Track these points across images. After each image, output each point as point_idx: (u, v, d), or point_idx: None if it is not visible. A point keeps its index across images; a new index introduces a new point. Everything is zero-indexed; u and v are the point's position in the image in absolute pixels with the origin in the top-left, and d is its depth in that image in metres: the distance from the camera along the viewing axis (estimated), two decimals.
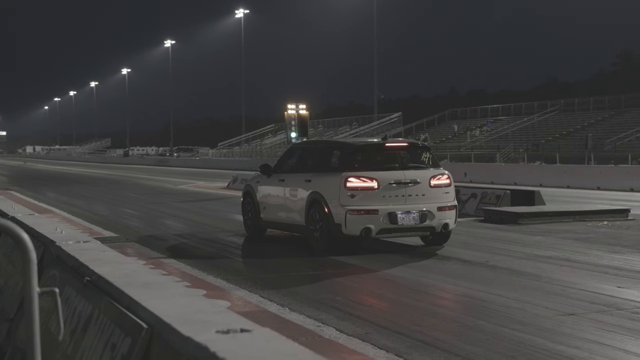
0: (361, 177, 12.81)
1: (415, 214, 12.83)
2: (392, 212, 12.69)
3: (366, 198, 12.74)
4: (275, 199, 14.76)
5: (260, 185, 15.36)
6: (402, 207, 12.79)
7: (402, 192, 12.91)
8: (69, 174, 56.86)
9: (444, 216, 13.11)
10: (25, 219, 7.66)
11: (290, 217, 14.22)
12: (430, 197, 13.11)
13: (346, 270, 11.43)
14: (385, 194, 12.80)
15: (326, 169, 13.54)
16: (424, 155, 13.99)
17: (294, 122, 31.99)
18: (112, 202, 26.60)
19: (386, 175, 12.94)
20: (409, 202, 12.91)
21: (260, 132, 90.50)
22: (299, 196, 13.81)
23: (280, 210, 14.55)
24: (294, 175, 14.31)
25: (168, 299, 3.52)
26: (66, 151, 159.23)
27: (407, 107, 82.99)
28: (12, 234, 2.62)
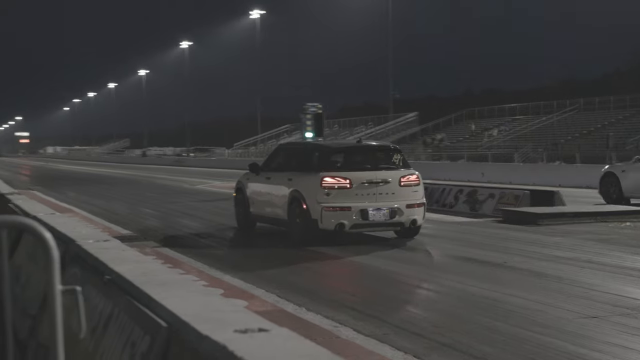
0: (335, 177, 14.05)
1: (385, 211, 14.00)
2: (364, 209, 13.86)
3: (340, 196, 13.94)
4: (262, 195, 16.06)
5: (250, 182, 16.64)
6: (373, 204, 13.98)
7: (373, 190, 14.12)
8: (88, 174, 57.11)
9: (413, 213, 14.28)
10: (47, 219, 7.73)
11: (274, 212, 15.39)
12: (399, 195, 14.30)
13: (362, 271, 11.46)
14: (358, 192, 14.02)
15: (305, 169, 14.73)
16: (395, 156, 15.09)
17: (309, 122, 31.99)
18: (131, 201, 26.72)
19: (359, 175, 14.16)
20: (380, 199, 14.08)
21: (276, 132, 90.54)
22: (281, 193, 14.97)
23: (267, 205, 15.80)
24: (279, 174, 15.52)
25: (186, 298, 3.56)
26: (86, 151, 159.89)
27: (423, 107, 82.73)
28: (35, 233, 2.67)
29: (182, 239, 15.52)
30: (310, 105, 32.11)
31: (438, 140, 57.65)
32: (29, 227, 2.67)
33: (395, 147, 16.08)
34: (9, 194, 14.05)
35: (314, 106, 32.06)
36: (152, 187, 36.71)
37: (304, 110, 32.06)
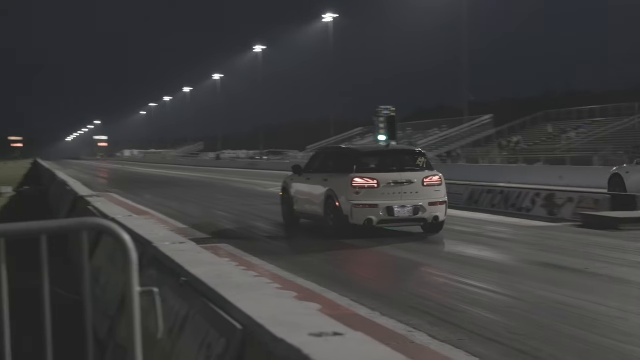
0: (364, 178, 15.63)
1: (409, 208, 15.48)
2: (390, 206, 15.36)
3: (368, 194, 15.47)
4: (303, 194, 17.77)
5: (294, 183, 18.36)
6: (398, 202, 15.46)
7: (398, 189, 15.61)
8: (164, 177, 58.01)
9: (435, 210, 15.66)
10: (125, 221, 7.86)
11: (313, 209, 17.07)
12: (423, 194, 15.70)
13: (435, 276, 11.35)
14: (385, 191, 15.52)
15: (339, 171, 16.42)
16: (420, 159, 16.63)
17: (382, 125, 31.90)
18: (205, 204, 27.03)
19: (385, 176, 15.74)
20: (405, 198, 15.56)
21: (349, 135, 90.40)
22: (319, 192, 16.63)
23: (307, 203, 17.52)
24: (317, 175, 17.28)
25: (260, 301, 3.58)
26: (161, 154, 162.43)
27: (498, 109, 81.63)
28: (115, 235, 2.70)
29: (255, 242, 15.62)
30: (384, 108, 32.02)
31: (514, 143, 56.84)
32: (109, 229, 2.71)
33: (419, 151, 17.54)
34: (88, 196, 14.36)
35: (387, 109, 31.97)
36: (225, 190, 37.07)
37: (377, 113, 32.00)
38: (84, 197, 14.10)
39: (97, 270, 7.78)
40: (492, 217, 20.23)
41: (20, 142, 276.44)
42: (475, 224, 18.72)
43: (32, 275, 4.85)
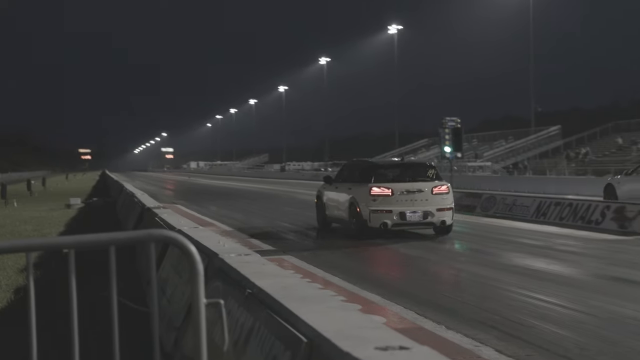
0: (381, 187, 17.96)
1: (419, 213, 17.83)
2: (402, 212, 17.77)
3: (384, 202, 17.83)
4: (332, 201, 20.22)
5: (325, 191, 20.91)
6: (410, 208, 17.81)
7: (410, 197, 17.93)
8: (229, 189, 58.52)
9: (442, 215, 17.94)
10: (191, 232, 7.94)
11: (340, 214, 19.54)
12: (431, 201, 17.96)
13: (502, 290, 11.20)
14: (398, 199, 17.86)
15: (360, 181, 18.70)
16: (430, 171, 19.07)
17: (447, 137, 31.67)
18: (270, 215, 27.16)
19: (399, 185, 18.08)
20: (416, 205, 17.88)
21: (413, 146, 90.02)
22: (344, 199, 19.16)
23: (335, 209, 19.95)
24: (343, 184, 19.77)
25: (326, 313, 3.56)
26: (227, 166, 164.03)
27: (566, 120, 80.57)
28: (181, 246, 2.72)
29: (319, 254, 15.64)
30: (449, 119, 31.78)
31: (582, 155, 55.88)
32: (176, 241, 2.72)
33: (430, 164, 20.19)
34: (155, 207, 14.56)
35: (453, 120, 31.72)
36: (290, 201, 37.21)
37: (443, 124, 31.76)
38: (151, 209, 14.29)
39: (164, 281, 7.86)
40: (561, 230, 19.91)
41: (89, 154, 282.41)
42: (544, 236, 18.44)
43: (101, 286, 4.92)
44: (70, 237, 2.78)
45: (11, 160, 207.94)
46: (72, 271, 2.75)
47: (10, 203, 36.57)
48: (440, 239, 18.01)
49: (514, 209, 24.33)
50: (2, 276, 12.57)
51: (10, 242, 2.82)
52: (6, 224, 24.09)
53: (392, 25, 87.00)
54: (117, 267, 2.79)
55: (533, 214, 23.06)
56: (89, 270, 9.30)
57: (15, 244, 2.83)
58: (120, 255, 2.95)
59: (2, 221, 25.48)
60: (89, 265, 9.13)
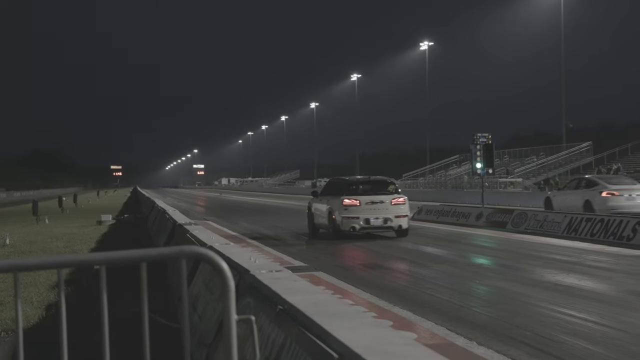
0: (350, 199, 22.95)
1: (381, 219, 22.82)
2: (367, 218, 22.78)
3: (353, 210, 22.80)
4: (318, 211, 24.82)
5: (313, 203, 25.61)
6: (373, 215, 22.79)
7: (374, 207, 22.85)
8: (260, 205, 58.65)
9: (399, 221, 22.94)
10: (222, 248, 7.97)
11: (323, 221, 24.28)
12: (390, 210, 22.91)
13: (534, 305, 11.11)
14: (364, 208, 22.81)
15: (336, 194, 23.67)
16: (390, 187, 24.19)
17: (479, 153, 31.51)
18: (300, 232, 27.16)
19: (365, 197, 23.05)
20: (378, 213, 22.83)
21: (445, 162, 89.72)
22: (325, 209, 24.03)
23: (320, 217, 24.61)
24: (325, 197, 24.61)
25: (357, 330, 3.55)
26: (258, 183, 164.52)
27: (597, 136, 79.93)
28: (213, 263, 2.73)
29: (350, 270, 15.64)
30: (480, 135, 31.60)
31: (614, 171, 55.32)
32: (207, 257, 2.73)
33: (391, 181, 25.18)
34: (186, 224, 14.63)
35: (484, 136, 31.53)
36: None
37: (474, 140, 31.61)
38: (182, 225, 14.37)
39: (195, 297, 7.89)
40: (592, 246, 19.71)
41: (121, 170, 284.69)
42: (575, 252, 18.28)
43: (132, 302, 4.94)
44: (102, 254, 2.80)
45: (43, 177, 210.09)
46: (103, 287, 2.77)
47: (41, 220, 36.93)
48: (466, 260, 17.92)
49: (545, 225, 24.14)
50: (34, 293, 12.68)
51: (41, 259, 2.85)
52: (38, 241, 24.32)
53: (423, 42, 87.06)
54: (148, 284, 2.80)
55: (564, 230, 22.87)
56: (120, 287, 9.36)
57: (47, 260, 2.85)
58: (151, 271, 2.97)
59: (34, 238, 25.72)
60: (121, 281, 9.18)
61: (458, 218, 30.31)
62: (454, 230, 26.79)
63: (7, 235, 24.23)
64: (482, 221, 28.27)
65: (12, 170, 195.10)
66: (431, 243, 21.78)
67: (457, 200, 47.15)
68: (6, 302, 11.75)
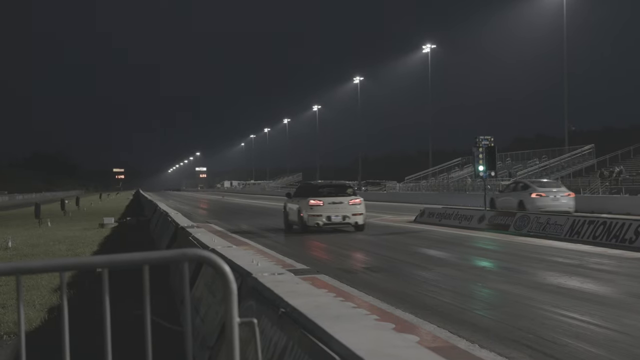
0: (315, 200, 27.30)
1: (340, 217, 27.24)
2: (329, 216, 27.10)
3: (317, 209, 27.08)
4: (290, 210, 29.09)
5: (287, 203, 29.91)
6: (334, 213, 27.14)
7: (335, 207, 27.24)
8: (262, 208, 58.68)
9: (356, 218, 27.35)
10: (224, 251, 7.97)
11: (294, 218, 28.40)
12: (348, 209, 27.37)
13: (539, 309, 11.10)
14: (327, 207, 27.15)
15: (303, 196, 27.99)
16: (349, 190, 29.09)
17: (481, 156, 31.53)
18: (302, 234, 27.16)
19: (328, 199, 27.45)
20: (338, 211, 27.21)
21: (447, 165, 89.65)
22: (295, 208, 28.20)
23: (291, 215, 28.87)
24: (296, 198, 28.74)
25: (359, 332, 3.55)
26: (260, 185, 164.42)
27: (600, 139, 79.86)
28: (215, 265, 2.73)
29: (352, 273, 15.62)
30: (483, 138, 31.63)
31: (616, 174, 55.29)
32: (210, 260, 2.74)
33: (349, 185, 31.77)
34: (189, 227, 14.63)
35: (486, 139, 31.56)
36: None
37: (476, 143, 31.62)
38: (185, 228, 14.37)
39: (197, 300, 7.89)
40: (595, 249, 19.70)
41: (123, 173, 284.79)
42: (577, 255, 18.26)
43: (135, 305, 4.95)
44: (104, 257, 2.81)
45: (46, 180, 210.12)
46: (105, 290, 2.77)
47: (44, 223, 36.94)
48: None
49: (547, 227, 24.13)
50: (37, 296, 12.68)
51: (44, 262, 2.85)
52: (40, 244, 24.33)
53: (426, 45, 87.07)
54: (150, 287, 2.81)
55: (566, 232, 22.87)
56: (122, 290, 9.36)
57: (49, 263, 2.85)
58: (154, 274, 2.97)
59: (36, 241, 25.74)
60: (123, 284, 9.19)
61: (460, 221, 30.31)
62: (456, 232, 26.80)
63: (10, 238, 24.23)
64: (485, 224, 28.27)
65: (14, 172, 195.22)
66: (433, 246, 21.77)
67: (459, 203, 47.15)
68: (8, 305, 11.75)
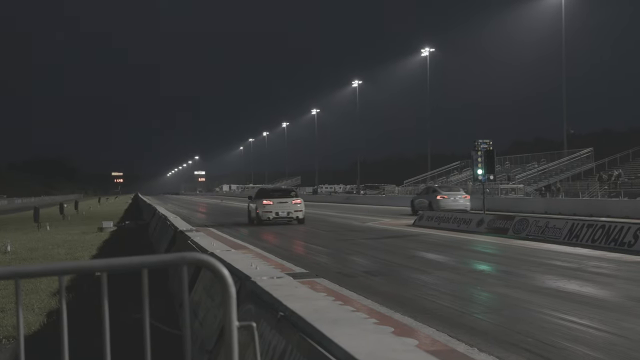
0: (267, 200, 36.68)
1: (285, 213, 36.24)
2: (277, 212, 36.18)
3: (268, 207, 36.28)
4: (251, 208, 38.38)
5: (250, 203, 39.29)
6: (281, 210, 36.25)
7: (282, 205, 36.41)
8: None
9: (297, 214, 36.42)
10: (224, 255, 7.97)
11: (253, 215, 37.40)
12: (292, 207, 36.49)
13: (537, 310, 11.10)
14: (275, 206, 36.33)
15: (259, 197, 37.40)
16: (292, 192, 38.91)
17: (480, 159, 31.55)
18: (301, 238, 27.18)
19: (276, 199, 36.83)
20: (284, 208, 36.30)
21: (446, 169, 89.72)
22: (253, 207, 37.58)
23: (252, 212, 38.07)
24: (255, 200, 37.75)
25: (358, 336, 3.55)
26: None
27: (598, 142, 79.98)
28: (214, 269, 2.73)
29: (352, 276, 15.62)
30: (481, 141, 31.65)
31: (615, 177, 55.33)
32: (208, 264, 2.74)
33: (292, 189, 44.23)
34: (187, 231, 14.63)
35: (485, 143, 31.59)
36: (322, 224, 37.23)
37: (475, 147, 31.65)
38: (184, 232, 14.37)
39: (196, 304, 7.89)
40: (593, 252, 19.71)
41: (122, 177, 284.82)
42: (576, 259, 18.27)
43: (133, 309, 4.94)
44: (103, 261, 2.81)
45: (45, 184, 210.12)
46: (104, 294, 2.78)
47: (43, 226, 36.94)
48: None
49: (546, 231, 24.14)
50: (36, 299, 12.68)
51: (43, 266, 2.85)
52: (39, 248, 24.32)
53: (425, 49, 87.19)
54: (149, 290, 2.81)
55: (565, 236, 22.87)
56: (121, 294, 9.36)
57: (48, 267, 2.86)
58: (152, 278, 2.97)
59: (35, 244, 25.73)
60: (122, 288, 9.18)
61: (459, 224, 30.31)
62: (455, 236, 26.80)
63: (8, 242, 24.22)
64: (484, 227, 28.28)
65: (13, 175, 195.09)
66: (432, 249, 21.77)
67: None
68: (7, 309, 11.75)
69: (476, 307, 11.64)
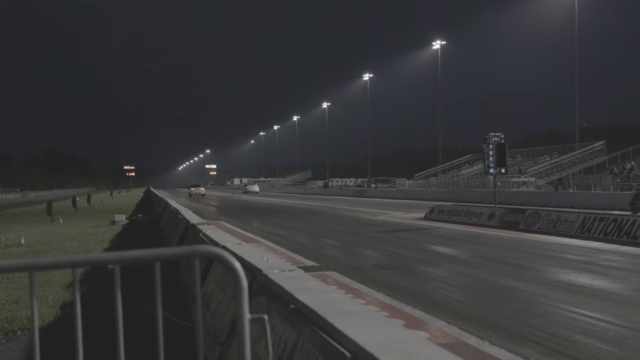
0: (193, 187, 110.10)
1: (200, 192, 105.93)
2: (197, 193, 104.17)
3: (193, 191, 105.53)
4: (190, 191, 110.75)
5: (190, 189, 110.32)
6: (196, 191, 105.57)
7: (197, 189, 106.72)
8: (272, 205, 58.69)
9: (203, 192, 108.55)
10: (235, 248, 7.99)
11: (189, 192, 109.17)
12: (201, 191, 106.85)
13: (540, 304, 11.09)
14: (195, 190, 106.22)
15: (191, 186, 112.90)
16: (201, 183, 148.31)
17: (491, 152, 31.45)
18: (313, 231, 27.20)
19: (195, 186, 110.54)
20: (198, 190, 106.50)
21: (457, 162, 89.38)
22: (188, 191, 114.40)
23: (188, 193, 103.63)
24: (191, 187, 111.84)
25: (369, 329, 3.56)
26: (270, 183, 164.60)
27: (611, 135, 79.78)
28: (226, 262, 2.75)
29: (363, 270, 15.63)
30: (493, 135, 31.55)
31: (627, 170, 55.09)
32: (220, 257, 2.76)
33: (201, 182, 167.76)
34: (199, 224, 14.66)
35: (497, 136, 31.48)
36: (333, 217, 37.22)
37: (487, 140, 31.55)
38: (195, 225, 14.40)
39: (208, 297, 7.92)
40: (606, 246, 19.66)
41: (134, 171, 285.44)
42: (588, 252, 18.23)
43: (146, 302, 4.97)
44: (115, 253, 2.83)
45: (57, 178, 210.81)
46: (117, 287, 2.80)
47: (56, 220, 37.08)
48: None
49: (558, 224, 24.09)
50: (49, 292, 12.74)
51: (56, 258, 2.87)
52: (52, 241, 24.42)
53: (436, 41, 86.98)
54: (162, 285, 2.83)
55: (577, 229, 22.82)
56: (134, 286, 9.41)
57: (62, 260, 2.88)
58: (165, 271, 2.99)
59: (49, 238, 25.84)
60: (135, 281, 9.23)
61: (470, 218, 30.27)
62: (466, 230, 26.77)
63: (22, 235, 24.34)
64: (495, 221, 28.23)
65: (26, 169, 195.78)
66: (443, 243, 21.76)
67: (469, 200, 47.08)
68: (22, 301, 11.82)
69: (487, 300, 11.64)
